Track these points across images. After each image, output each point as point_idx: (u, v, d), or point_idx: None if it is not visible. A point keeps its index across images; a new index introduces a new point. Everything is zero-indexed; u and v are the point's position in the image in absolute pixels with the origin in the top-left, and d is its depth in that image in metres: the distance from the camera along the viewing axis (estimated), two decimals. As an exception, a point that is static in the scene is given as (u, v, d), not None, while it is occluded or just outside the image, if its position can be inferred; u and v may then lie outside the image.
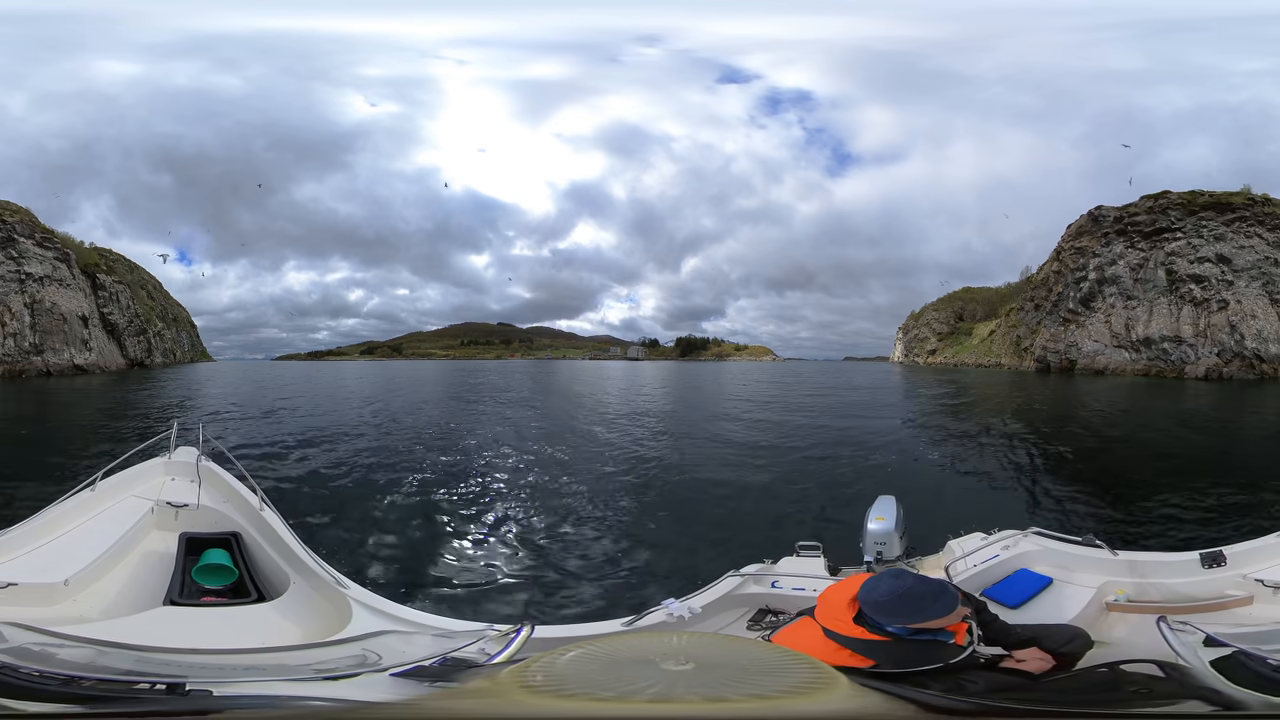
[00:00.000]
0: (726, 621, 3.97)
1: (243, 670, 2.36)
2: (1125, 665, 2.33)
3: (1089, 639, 3.00)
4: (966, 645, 2.65)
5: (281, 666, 2.46)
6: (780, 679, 1.68)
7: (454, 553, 7.99)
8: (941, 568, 4.30)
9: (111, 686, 1.89)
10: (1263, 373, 65.16)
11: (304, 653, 2.75)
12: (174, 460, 5.41)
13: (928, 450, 17.07)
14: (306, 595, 3.91)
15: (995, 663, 2.79)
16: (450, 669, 2.33)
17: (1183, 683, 2.10)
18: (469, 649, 2.56)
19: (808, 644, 2.61)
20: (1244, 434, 21.04)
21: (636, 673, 1.65)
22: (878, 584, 2.63)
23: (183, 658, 2.39)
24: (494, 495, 11.09)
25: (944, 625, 2.59)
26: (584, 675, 1.67)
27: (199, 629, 3.47)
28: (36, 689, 1.70)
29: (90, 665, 2.09)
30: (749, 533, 8.90)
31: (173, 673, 2.07)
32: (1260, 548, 4.03)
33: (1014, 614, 3.71)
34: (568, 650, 1.79)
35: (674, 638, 1.91)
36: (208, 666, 2.33)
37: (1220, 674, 2.01)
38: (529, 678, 1.63)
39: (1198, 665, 2.12)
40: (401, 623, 3.43)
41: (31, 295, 72.27)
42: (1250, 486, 10.85)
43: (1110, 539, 4.25)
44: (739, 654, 1.90)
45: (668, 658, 1.71)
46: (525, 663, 1.75)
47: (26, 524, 4.22)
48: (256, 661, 2.58)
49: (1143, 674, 2.24)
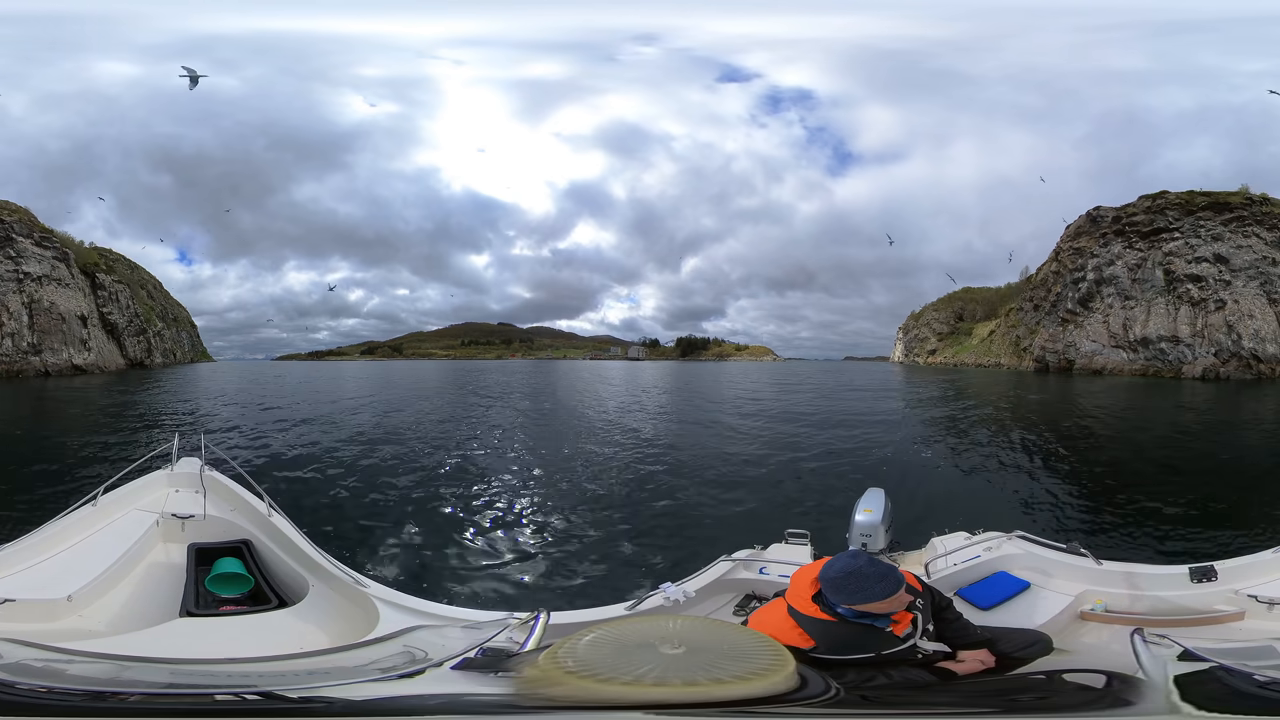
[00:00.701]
0: (717, 605, 4.14)
1: (308, 675, 2.27)
2: (1068, 673, 2.30)
3: (1050, 645, 3.01)
4: (904, 637, 2.70)
5: (341, 669, 2.38)
6: (743, 664, 1.86)
7: (462, 545, 8.17)
8: (922, 564, 4.37)
9: (161, 700, 1.79)
10: (1260, 373, 64.98)
11: (352, 654, 2.70)
12: (177, 472, 5.37)
13: (921, 447, 17.13)
14: (328, 597, 3.88)
15: (932, 660, 2.82)
16: (492, 659, 2.36)
17: (1118, 695, 2.06)
18: (499, 638, 2.60)
19: (773, 623, 2.75)
20: (1242, 437, 20.95)
21: (640, 656, 1.86)
22: (835, 562, 2.76)
23: (231, 668, 2.35)
24: (497, 489, 11.24)
25: (885, 610, 2.64)
26: (602, 659, 1.85)
27: (223, 638, 3.44)
28: (48, 705, 1.65)
29: (114, 680, 2.03)
30: (742, 520, 9.11)
31: (230, 684, 2.02)
32: (1254, 563, 3.97)
33: (984, 616, 3.74)
34: (584, 635, 1.98)
35: (670, 622, 2.09)
36: (271, 674, 2.25)
37: (1179, 688, 1.92)
38: (562, 662, 1.83)
39: (1156, 678, 2.04)
40: (427, 617, 3.44)
41: (30, 295, 71.94)
42: (1245, 498, 10.81)
43: (1097, 548, 4.22)
44: (721, 638, 2.06)
45: (665, 641, 1.92)
46: (554, 648, 1.93)
47: (25, 540, 4.12)
48: (313, 666, 2.50)
49: (1079, 684, 2.21)
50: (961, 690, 2.67)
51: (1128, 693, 2.04)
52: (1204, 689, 1.94)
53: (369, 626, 3.39)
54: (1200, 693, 1.90)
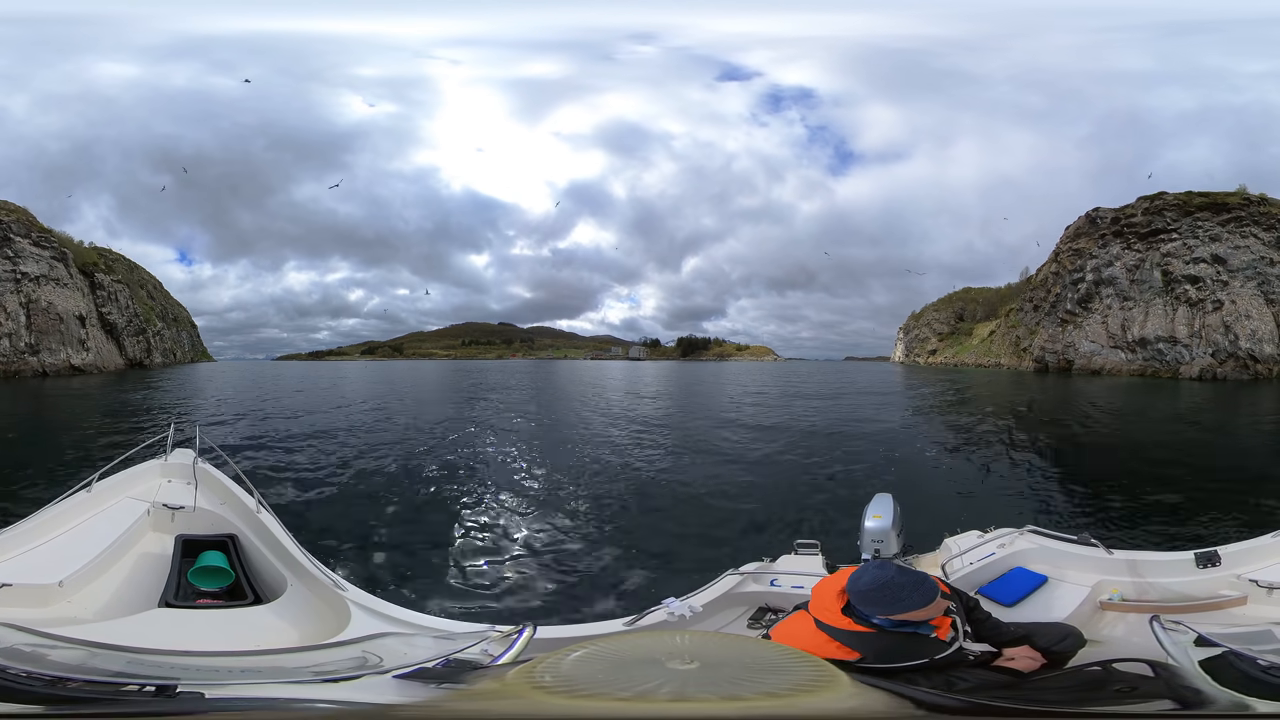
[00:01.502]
0: (727, 620, 3.98)
1: (237, 673, 2.28)
2: (1117, 664, 2.33)
3: (1081, 638, 3.00)
4: (950, 640, 2.65)
5: (278, 669, 2.40)
6: (785, 677, 1.69)
7: (453, 554, 7.93)
8: (938, 565, 4.34)
9: (99, 688, 1.83)
10: (1257, 373, 64.93)
11: (301, 655, 2.68)
12: (170, 462, 5.40)
13: (925, 448, 17.15)
14: (304, 597, 3.86)
15: (985, 660, 2.79)
16: (454, 670, 2.29)
17: (1170, 682, 2.09)
18: (471, 650, 2.51)
19: (801, 637, 2.65)
20: (1238, 435, 20.95)
21: (644, 672, 1.64)
22: (862, 574, 2.67)
23: (175, 660, 2.35)
24: (494, 496, 11.02)
25: (924, 618, 2.59)
26: (591, 676, 1.66)
27: (193, 631, 3.45)
28: (23, 690, 1.67)
29: (81, 667, 2.04)
30: (748, 531, 8.93)
31: (163, 674, 2.03)
32: (1254, 548, 4.04)
33: (1008, 612, 3.75)
34: (573, 650, 1.78)
35: (676, 637, 1.91)
36: (200, 669, 2.27)
37: (1208, 674, 2.01)
38: (537, 678, 1.63)
39: (1187, 665, 2.11)
40: (401, 624, 3.39)
41: (27, 295, 71.95)
42: (1244, 486, 10.83)
43: (1106, 538, 4.25)
44: (742, 652, 1.90)
45: (672, 657, 1.71)
46: (531, 663, 1.75)
47: (21, 525, 4.20)
48: (251, 664, 2.52)
49: (1133, 673, 2.23)
50: (1051, 688, 2.62)
51: (1174, 679, 2.08)
52: (1226, 675, 2.00)
53: (339, 629, 3.36)
54: (1226, 678, 1.96)
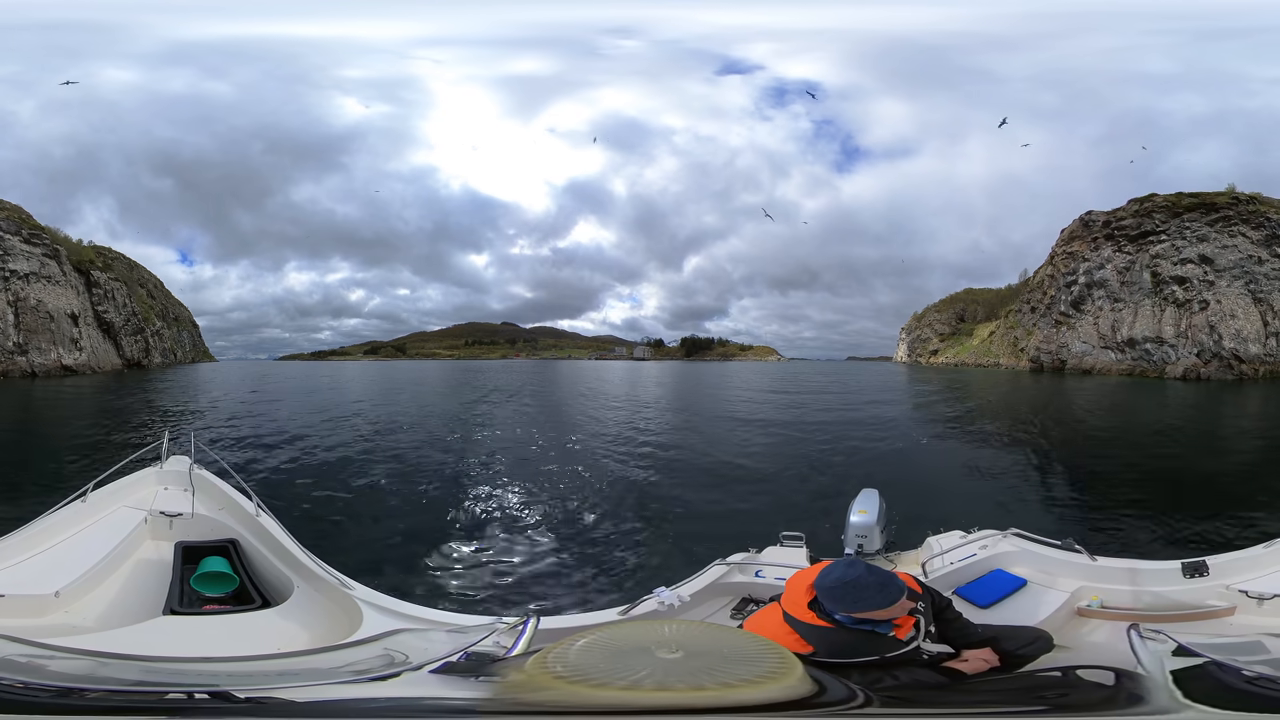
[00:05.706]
0: (712, 610, 4.07)
1: (275, 676, 2.24)
2: (1080, 670, 2.30)
3: (1050, 642, 2.98)
4: (908, 640, 2.65)
5: (314, 670, 2.36)
6: (750, 667, 1.79)
7: (452, 549, 8.02)
8: (919, 564, 4.34)
9: (128, 698, 1.77)
10: (1241, 373, 64.42)
11: (328, 655, 2.66)
12: (166, 469, 5.36)
13: (916, 445, 17.23)
14: (312, 599, 3.85)
15: (938, 661, 2.77)
16: (476, 664, 2.31)
17: (1130, 691, 2.06)
18: (485, 643, 2.54)
19: (769, 628, 2.70)
20: (1224, 441, 20.57)
21: (637, 661, 1.76)
22: (831, 571, 2.67)
23: (200, 666, 2.31)
24: (489, 493, 11.11)
25: (886, 617, 2.59)
26: (594, 664, 1.77)
27: (205, 637, 3.44)
28: (23, 701, 1.60)
29: (90, 677, 2.00)
30: (738, 522, 9.04)
31: (198, 683, 1.97)
32: (1244, 559, 3.96)
33: (983, 614, 3.72)
34: (576, 640, 1.89)
35: (665, 626, 2.02)
36: (235, 675, 2.20)
37: (1176, 685, 1.94)
38: (551, 667, 1.75)
39: (1156, 675, 2.06)
40: (412, 620, 3.41)
41: (15, 293, 70.62)
42: (1232, 494, 10.74)
43: (1092, 545, 4.19)
44: (721, 642, 1.99)
45: (661, 646, 1.84)
46: (542, 653, 1.85)
47: (14, 536, 4.11)
48: (286, 667, 2.47)
49: (1093, 680, 2.21)
50: (980, 690, 2.64)
51: (1138, 689, 2.04)
52: (1199, 685, 1.96)
53: (352, 629, 3.36)
54: (1199, 689, 1.92)
